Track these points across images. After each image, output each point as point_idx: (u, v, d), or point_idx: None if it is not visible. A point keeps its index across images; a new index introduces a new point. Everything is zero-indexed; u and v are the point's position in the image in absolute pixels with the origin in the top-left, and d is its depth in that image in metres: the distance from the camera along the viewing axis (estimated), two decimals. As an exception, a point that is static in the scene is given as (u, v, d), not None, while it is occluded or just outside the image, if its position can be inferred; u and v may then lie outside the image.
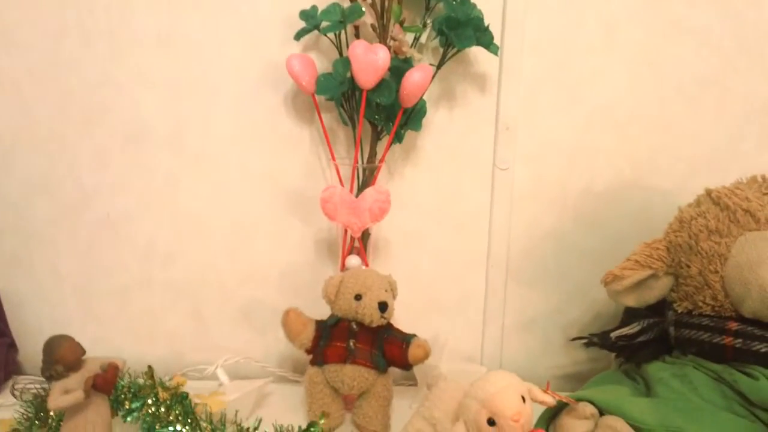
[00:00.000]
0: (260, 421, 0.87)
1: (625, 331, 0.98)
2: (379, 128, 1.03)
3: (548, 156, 1.12)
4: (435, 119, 1.11)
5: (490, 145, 1.12)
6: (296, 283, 1.16)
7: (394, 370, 1.14)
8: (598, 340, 0.99)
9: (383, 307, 0.94)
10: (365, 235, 1.07)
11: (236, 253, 1.15)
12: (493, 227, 1.14)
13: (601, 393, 0.88)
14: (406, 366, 0.98)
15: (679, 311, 0.92)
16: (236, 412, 0.90)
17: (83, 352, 0.79)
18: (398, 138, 1.04)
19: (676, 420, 0.82)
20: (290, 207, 1.13)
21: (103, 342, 1.16)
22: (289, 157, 1.11)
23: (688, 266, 0.88)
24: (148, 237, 1.14)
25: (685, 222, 0.90)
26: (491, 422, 0.78)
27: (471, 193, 1.13)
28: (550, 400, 0.82)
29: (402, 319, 1.14)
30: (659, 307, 0.98)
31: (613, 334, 0.98)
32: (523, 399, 0.79)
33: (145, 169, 1.12)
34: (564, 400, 0.84)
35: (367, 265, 1.06)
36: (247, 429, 0.87)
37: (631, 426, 0.82)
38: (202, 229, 1.14)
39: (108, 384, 0.77)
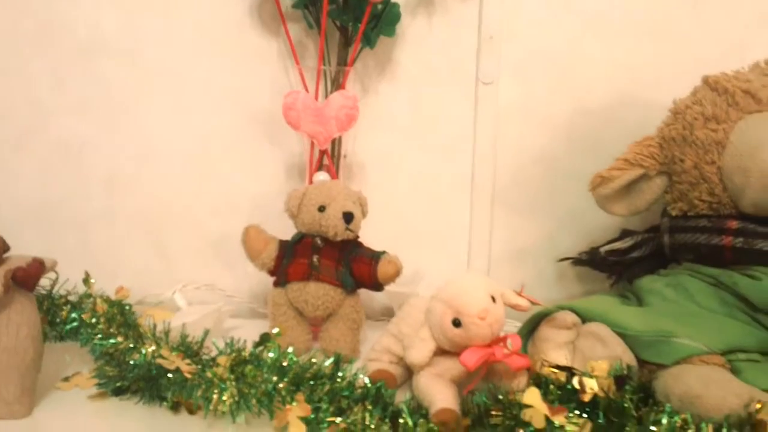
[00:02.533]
0: (207, 332, 0.79)
1: (616, 245, 0.90)
2: (349, 32, 0.95)
3: (537, 68, 1.04)
4: (412, 29, 1.03)
5: (473, 57, 1.03)
6: (267, 213, 1.07)
7: (372, 305, 1.06)
8: (586, 257, 0.90)
9: (348, 217, 0.86)
10: (336, 156, 0.99)
11: (203, 180, 1.08)
12: (477, 149, 1.06)
13: (584, 302, 0.80)
14: (376, 285, 0.89)
15: (674, 214, 0.82)
16: (183, 325, 0.82)
17: (6, 248, 0.72)
18: (368, 41, 0.96)
19: (667, 325, 0.73)
20: (259, 128, 1.05)
21: (62, 276, 1.09)
22: (256, 73, 1.04)
23: (682, 160, 0.79)
24: (109, 163, 1.08)
25: (680, 113, 0.81)
26: (456, 323, 0.70)
27: (452, 111, 1.05)
28: (524, 303, 0.74)
29: (381, 249, 1.07)
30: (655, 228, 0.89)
31: (602, 249, 0.89)
32: (493, 299, 0.71)
33: (104, 88, 1.05)
34: (539, 304, 0.75)
35: (336, 181, 0.98)
36: (195, 342, 0.79)
37: (617, 333, 0.73)
38: (165, 153, 1.07)
39: (30, 278, 0.70)
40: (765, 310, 0.74)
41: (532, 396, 0.65)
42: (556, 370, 0.73)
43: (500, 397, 0.67)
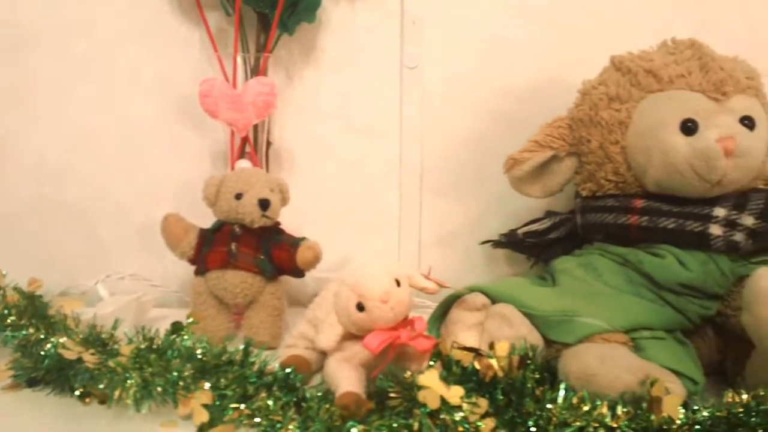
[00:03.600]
0: (118, 321, 0.78)
1: (534, 227, 0.90)
2: (268, 19, 0.94)
3: (461, 52, 1.04)
4: (335, 14, 1.03)
5: (397, 42, 1.03)
6: (194, 201, 1.07)
7: (306, 291, 1.06)
8: (505, 239, 0.91)
9: (265, 204, 0.86)
10: (259, 144, 0.99)
11: (130, 168, 1.07)
12: (403, 133, 1.06)
13: (495, 284, 0.80)
14: (296, 271, 0.89)
15: (584, 195, 0.83)
16: (94, 314, 0.82)
17: None
18: (286, 28, 0.95)
19: (571, 304, 0.74)
20: (185, 116, 1.04)
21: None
22: (181, 60, 1.03)
23: (589, 141, 0.80)
24: (38, 153, 1.06)
25: (587, 93, 0.81)
26: (360, 307, 0.70)
27: (378, 96, 1.05)
28: (432, 286, 0.74)
29: (311, 236, 1.06)
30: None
31: (520, 231, 0.90)
32: (398, 283, 0.71)
33: (29, 78, 1.04)
34: (446, 286, 0.76)
35: (258, 168, 0.97)
36: (107, 332, 0.78)
37: (525, 314, 0.74)
38: (92, 142, 1.06)
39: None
40: (669, 288, 0.74)
41: (429, 377, 0.65)
42: (463, 351, 0.73)
43: (399, 378, 0.67)
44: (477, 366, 0.69)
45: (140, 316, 0.93)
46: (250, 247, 0.88)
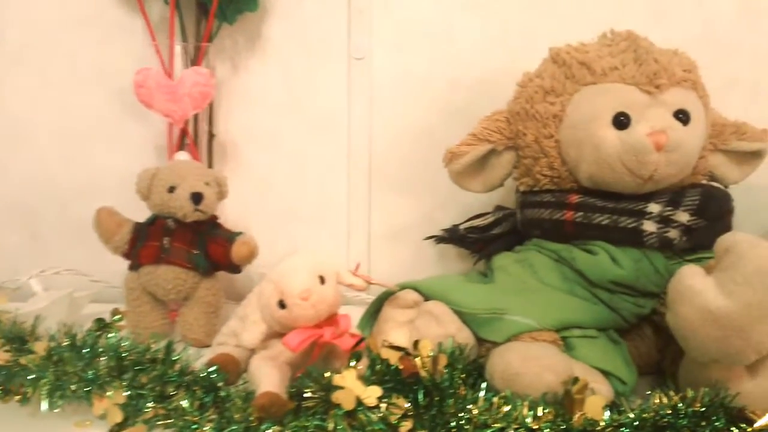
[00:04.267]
0: (39, 318, 0.76)
1: (476, 222, 0.88)
2: (208, 7, 0.92)
3: (411, 43, 1.01)
4: (281, 3, 1.01)
5: (344, 32, 1.00)
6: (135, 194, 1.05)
7: (247, 288, 1.04)
8: (447, 234, 0.89)
9: (197, 198, 0.83)
10: (198, 135, 0.96)
11: (70, 160, 1.05)
12: (352, 125, 1.03)
13: (429, 281, 0.78)
14: (232, 267, 0.87)
15: (522, 190, 0.81)
16: (16, 311, 0.79)
17: None
18: (226, 17, 0.93)
19: (502, 302, 0.72)
20: (127, 107, 1.02)
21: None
22: (122, 50, 1.00)
23: (525, 134, 0.77)
24: (-24, 146, 1.04)
25: (524, 86, 0.79)
26: (282, 304, 0.68)
27: (326, 87, 1.03)
28: (359, 282, 0.72)
29: (258, 230, 1.04)
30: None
31: (462, 226, 0.88)
32: (322, 280, 0.69)
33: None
34: (374, 283, 0.74)
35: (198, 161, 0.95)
36: (28, 328, 0.76)
37: (456, 311, 0.72)
38: (32, 133, 1.04)
39: None
40: (601, 286, 0.73)
41: (345, 377, 0.63)
42: (392, 350, 0.71)
43: (316, 378, 0.65)
44: (399, 365, 0.67)
45: (75, 312, 0.90)
46: (183, 242, 0.86)
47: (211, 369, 0.72)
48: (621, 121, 0.70)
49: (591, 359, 0.68)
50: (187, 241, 0.86)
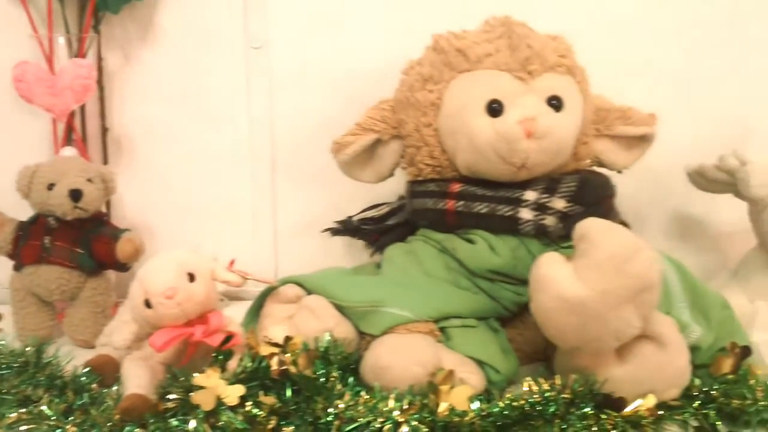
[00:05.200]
0: None
1: (371, 213, 0.87)
2: (86, -5, 0.89)
3: (309, 30, 0.99)
4: (174, -8, 0.97)
5: (240, 20, 0.98)
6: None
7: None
8: (341, 226, 0.87)
9: (76, 195, 0.81)
10: (85, 130, 0.93)
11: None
12: (252, 117, 1.01)
13: (310, 275, 0.76)
14: (119, 265, 0.85)
15: (409, 179, 0.80)
16: None
17: None
18: (107, 6, 0.90)
19: (380, 294, 0.71)
20: (14, 101, 0.98)
21: None
22: (8, 42, 0.96)
23: (407, 123, 0.76)
24: None
25: (406, 74, 0.77)
26: (148, 303, 0.66)
27: (223, 77, 1.00)
28: (235, 278, 0.71)
29: (160, 226, 1.02)
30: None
31: (355, 217, 0.86)
32: (192, 277, 0.67)
33: None
34: (252, 278, 0.72)
35: (87, 158, 0.92)
36: None
37: (336, 305, 0.70)
38: None
39: None
40: (481, 275, 0.72)
41: (206, 377, 0.62)
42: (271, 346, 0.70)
43: (178, 378, 0.63)
44: (269, 362, 0.65)
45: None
46: (66, 240, 0.83)
47: (84, 371, 0.70)
48: (494, 109, 0.70)
49: (467, 349, 0.67)
50: (69, 240, 0.83)
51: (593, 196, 0.73)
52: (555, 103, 0.70)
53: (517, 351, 0.74)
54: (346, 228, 0.86)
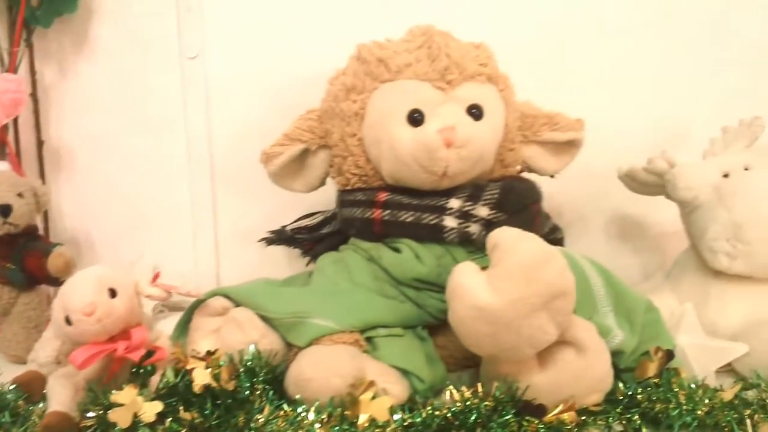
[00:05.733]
0: None
1: (305, 222, 0.87)
2: (13, 11, 0.88)
3: (245, 38, 0.99)
4: (109, 2, 0.97)
5: (174, 30, 0.98)
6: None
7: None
8: (275, 235, 0.87)
9: (5, 210, 0.80)
10: (19, 144, 0.93)
11: None
12: (189, 126, 1.01)
13: (239, 286, 0.76)
14: (51, 279, 0.84)
15: (338, 189, 0.80)
16: None
17: None
18: (38, 20, 0.89)
19: (306, 305, 0.71)
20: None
21: None
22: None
23: (333, 133, 0.76)
24: None
25: (332, 83, 0.77)
26: (68, 320, 0.65)
27: (159, 88, 1.00)
28: (158, 292, 0.70)
29: (102, 238, 1.02)
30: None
31: (289, 227, 0.86)
32: (113, 293, 0.67)
33: None
34: (177, 292, 0.72)
35: (20, 173, 0.91)
36: None
37: (264, 317, 0.70)
38: None
39: None
40: (407, 283, 0.72)
41: (123, 394, 0.61)
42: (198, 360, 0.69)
43: (97, 396, 0.63)
44: (191, 377, 0.65)
45: None
46: (-3, 256, 0.82)
47: (11, 388, 0.69)
48: (415, 119, 0.70)
49: (392, 359, 0.68)
50: (0, 255, 0.82)
51: (517, 202, 0.74)
52: (475, 111, 0.71)
53: (449, 358, 0.75)
54: (280, 237, 0.86)
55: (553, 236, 0.86)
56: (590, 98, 1.03)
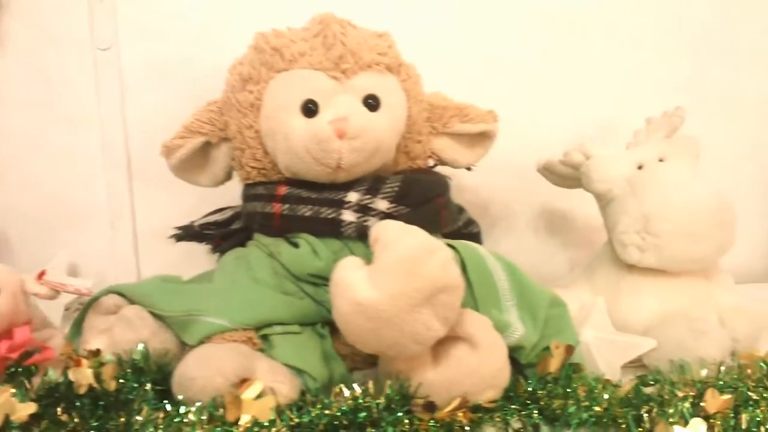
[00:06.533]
0: None
1: (214, 217, 0.84)
2: None
3: (158, 28, 0.96)
4: (18, -6, 0.93)
5: (85, 22, 0.95)
6: None
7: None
8: (183, 231, 0.84)
9: None
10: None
11: None
12: (104, 119, 0.98)
13: (133, 284, 0.74)
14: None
15: (242, 182, 0.78)
16: None
17: None
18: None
19: (200, 303, 0.69)
20: None
21: None
22: None
23: (231, 125, 0.74)
24: None
25: (230, 73, 0.75)
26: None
27: (72, 81, 0.97)
28: (44, 291, 0.68)
29: (20, 233, 0.99)
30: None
31: (197, 222, 0.83)
32: (-7, 291, 0.64)
33: None
34: (65, 290, 0.69)
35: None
36: None
37: (157, 315, 0.68)
38: None
39: None
40: (304, 279, 0.70)
41: (-7, 397, 0.59)
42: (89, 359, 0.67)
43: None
44: (71, 378, 0.63)
45: None
46: None
47: None
48: (309, 109, 0.68)
49: (286, 357, 0.66)
50: None
51: (419, 195, 0.72)
52: (371, 102, 0.69)
53: (356, 356, 0.72)
54: (187, 233, 0.84)
55: (468, 230, 0.84)
56: (518, 91, 1.02)
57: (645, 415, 0.63)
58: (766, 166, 1.10)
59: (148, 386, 0.64)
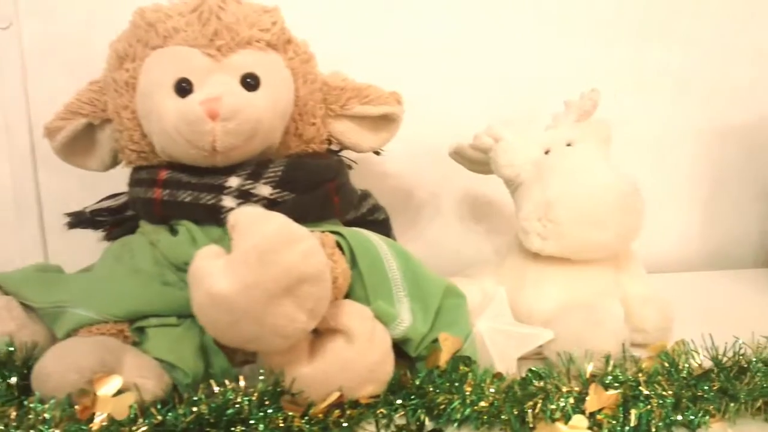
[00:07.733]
0: None
1: (107, 204, 0.80)
2: None
3: (61, 5, 0.92)
4: None
5: (-20, -2, 0.90)
6: None
7: None
8: (74, 218, 0.81)
9: None
10: None
11: None
12: (4, 101, 0.93)
13: (8, 273, 0.71)
14: None
15: (126, 167, 0.74)
16: None
17: None
18: None
19: (70, 294, 0.66)
20: None
21: None
22: None
23: (108, 105, 0.70)
24: None
25: (109, 50, 0.71)
26: None
27: (-31, 60, 0.92)
28: None
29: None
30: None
31: (89, 208, 0.80)
32: None
33: None
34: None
35: None
36: None
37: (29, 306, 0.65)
38: None
39: None
40: (183, 269, 0.66)
41: None
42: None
43: None
44: None
45: None
46: None
47: None
48: (183, 88, 0.64)
49: (158, 350, 0.62)
50: None
51: (306, 180, 0.68)
52: (250, 81, 0.65)
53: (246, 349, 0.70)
54: (79, 220, 0.80)
55: (373, 217, 0.81)
56: (439, 74, 0.99)
57: (529, 411, 0.60)
58: (696, 147, 1.07)
59: (14, 380, 0.61)
